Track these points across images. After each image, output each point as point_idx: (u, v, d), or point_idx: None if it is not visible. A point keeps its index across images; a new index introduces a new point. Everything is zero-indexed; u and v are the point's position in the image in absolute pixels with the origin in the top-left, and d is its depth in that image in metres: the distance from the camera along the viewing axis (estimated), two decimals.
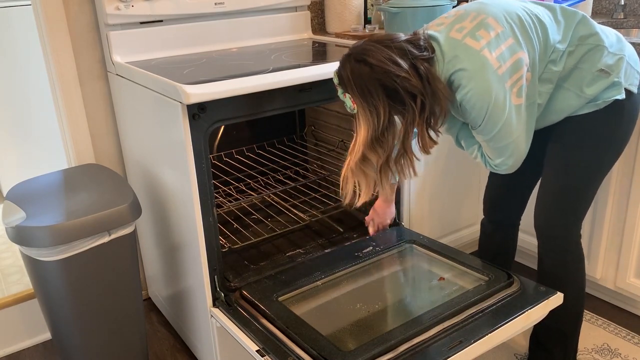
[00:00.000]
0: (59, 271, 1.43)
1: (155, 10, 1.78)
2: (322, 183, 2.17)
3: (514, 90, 1.27)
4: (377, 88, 1.22)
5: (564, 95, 1.37)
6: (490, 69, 1.24)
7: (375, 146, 1.26)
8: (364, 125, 1.25)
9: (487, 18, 1.29)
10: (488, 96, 1.24)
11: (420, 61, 1.24)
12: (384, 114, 1.23)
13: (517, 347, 1.82)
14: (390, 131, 1.25)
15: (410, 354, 1.24)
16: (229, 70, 1.55)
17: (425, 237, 1.77)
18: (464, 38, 1.27)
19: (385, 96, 1.22)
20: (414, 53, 1.25)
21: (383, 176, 1.31)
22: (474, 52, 1.25)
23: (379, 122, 1.23)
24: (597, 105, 1.36)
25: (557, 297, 1.42)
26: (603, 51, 1.34)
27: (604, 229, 1.88)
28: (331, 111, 2.14)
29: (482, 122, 1.28)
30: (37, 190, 1.59)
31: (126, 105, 1.79)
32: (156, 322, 2.07)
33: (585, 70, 1.34)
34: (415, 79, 1.22)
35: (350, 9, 2.17)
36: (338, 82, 1.28)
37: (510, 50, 1.26)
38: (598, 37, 1.35)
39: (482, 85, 1.24)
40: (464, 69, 1.25)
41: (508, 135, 1.30)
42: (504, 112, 1.26)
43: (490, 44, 1.25)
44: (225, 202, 2.00)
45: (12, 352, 1.95)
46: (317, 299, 1.52)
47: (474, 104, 1.26)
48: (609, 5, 2.33)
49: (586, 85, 1.35)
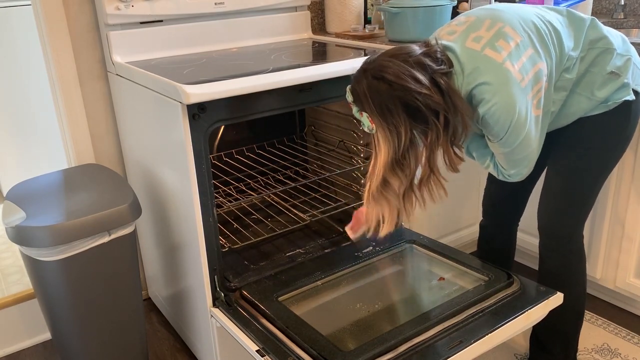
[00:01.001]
0: (59, 271, 1.43)
1: (155, 10, 1.78)
2: (322, 183, 2.17)
3: (534, 102, 1.24)
4: (397, 106, 1.15)
5: (576, 99, 1.35)
6: (514, 83, 1.20)
7: (396, 169, 1.20)
8: (384, 146, 1.18)
9: (505, 27, 1.25)
10: (513, 110, 1.20)
11: (440, 75, 1.18)
12: (405, 134, 1.16)
13: (517, 347, 1.82)
14: (412, 152, 1.19)
15: (410, 354, 1.24)
16: (229, 70, 1.55)
17: (425, 237, 1.77)
18: (483, 49, 1.22)
19: (406, 115, 1.15)
20: (432, 67, 1.18)
21: (407, 201, 1.24)
22: (497, 64, 1.20)
23: (400, 143, 1.17)
24: (608, 106, 1.35)
25: (557, 297, 1.42)
26: (612, 53, 1.33)
27: (604, 229, 1.88)
28: (331, 111, 2.14)
29: (505, 135, 1.24)
30: (37, 190, 1.59)
31: (126, 106, 1.79)
32: (156, 322, 2.07)
33: (596, 73, 1.33)
34: (437, 95, 1.16)
35: (350, 9, 2.17)
36: (353, 100, 1.22)
37: (531, 62, 1.23)
38: (607, 40, 1.33)
39: (507, 100, 1.20)
40: (487, 83, 1.20)
41: (527, 147, 1.28)
42: (526, 124, 1.24)
43: (512, 55, 1.21)
44: (225, 202, 2.00)
45: (12, 352, 1.95)
46: (317, 299, 1.52)
47: (498, 118, 1.21)
48: (609, 5, 2.33)
49: (597, 89, 1.34)
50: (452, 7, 1.95)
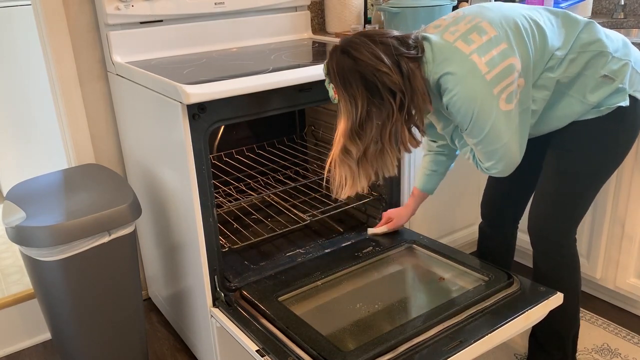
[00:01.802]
0: (59, 271, 1.43)
1: (155, 10, 1.78)
2: (322, 183, 2.17)
3: (502, 97, 1.25)
4: (357, 80, 1.24)
5: (567, 102, 1.35)
6: (477, 75, 1.23)
7: (354, 137, 1.28)
8: (344, 115, 1.28)
9: (482, 22, 1.28)
10: (473, 102, 1.24)
11: (405, 59, 1.25)
12: (362, 107, 1.25)
13: (517, 347, 1.82)
14: (368, 124, 1.27)
15: (410, 354, 1.24)
16: (229, 70, 1.55)
17: (425, 237, 1.77)
18: (455, 41, 1.27)
19: (364, 89, 1.24)
20: (399, 50, 1.25)
21: (362, 170, 1.33)
22: (463, 55, 1.24)
23: (357, 114, 1.25)
24: (601, 111, 1.35)
25: (557, 297, 1.42)
26: (607, 57, 1.32)
27: (604, 229, 1.88)
28: (331, 111, 2.14)
29: (469, 126, 1.28)
30: (37, 190, 1.59)
31: (126, 106, 1.79)
32: (156, 322, 2.07)
33: (588, 76, 1.33)
34: (396, 75, 1.23)
35: (350, 9, 2.17)
36: (326, 72, 1.31)
37: (501, 56, 1.25)
38: (601, 43, 1.33)
39: (467, 91, 1.24)
40: (451, 73, 1.25)
41: (496, 140, 1.29)
42: (490, 117, 1.25)
43: (481, 48, 1.25)
44: (225, 202, 2.00)
45: (12, 352, 1.95)
46: (317, 299, 1.52)
47: (459, 108, 1.26)
48: (609, 5, 2.33)
49: (589, 92, 1.33)
50: (452, 7, 1.95)
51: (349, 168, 1.33)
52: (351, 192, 1.37)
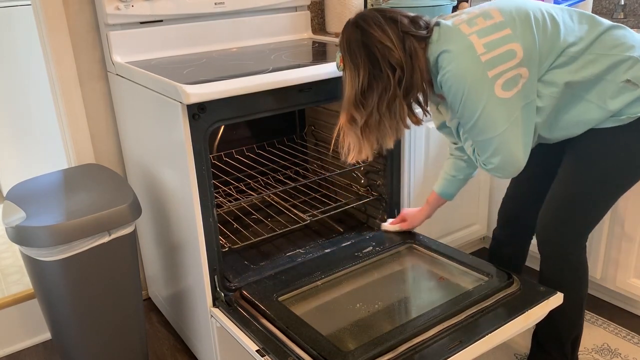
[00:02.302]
0: (59, 271, 1.43)
1: (155, 10, 1.78)
2: (322, 183, 2.17)
3: (498, 82, 1.24)
4: (361, 50, 1.28)
5: (585, 107, 1.30)
6: (472, 54, 1.24)
7: (358, 105, 1.31)
8: (348, 83, 1.32)
9: (492, 9, 1.30)
10: (463, 80, 1.24)
11: (411, 38, 1.28)
12: (364, 76, 1.28)
13: (517, 347, 1.82)
14: (369, 94, 1.30)
15: (410, 354, 1.24)
16: (229, 70, 1.55)
17: (425, 237, 1.77)
18: (461, 24, 1.29)
19: (367, 59, 1.27)
20: (407, 28, 1.28)
21: (365, 137, 1.35)
22: (462, 35, 1.26)
23: (359, 83, 1.29)
24: (621, 120, 1.29)
25: (557, 297, 1.42)
26: (632, 61, 1.27)
27: (604, 229, 1.88)
28: (331, 111, 2.13)
29: (459, 107, 1.29)
30: (37, 190, 1.59)
31: (126, 105, 1.79)
32: (156, 322, 2.07)
33: (609, 81, 1.27)
34: (399, 51, 1.26)
35: (350, 9, 2.17)
36: (339, 42, 1.35)
37: (503, 40, 1.25)
38: (627, 46, 1.28)
39: (459, 68, 1.25)
40: (448, 51, 1.26)
41: (490, 129, 1.27)
42: (481, 100, 1.25)
43: (482, 30, 1.26)
44: (225, 202, 2.00)
45: (12, 352, 1.95)
46: (317, 299, 1.52)
47: (450, 86, 1.27)
48: (609, 5, 2.33)
49: (610, 97, 1.28)
50: (452, 7, 1.95)
51: (354, 135, 1.36)
52: (359, 158, 1.40)
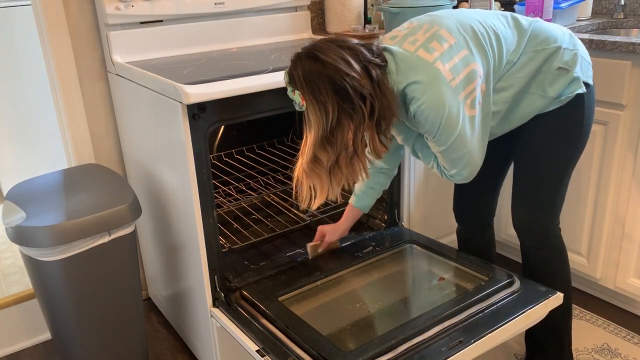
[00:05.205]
0: (59, 271, 1.43)
1: (155, 10, 1.78)
2: None
3: (467, 102, 1.26)
4: (326, 85, 1.19)
5: (529, 99, 1.38)
6: (443, 81, 1.23)
7: (325, 145, 1.24)
8: (314, 123, 1.23)
9: (440, 30, 1.29)
10: (442, 108, 1.23)
11: (373, 65, 1.23)
12: (333, 113, 1.20)
13: (517, 347, 1.82)
14: (339, 131, 1.23)
15: (410, 354, 1.24)
16: (229, 70, 1.55)
17: (425, 237, 1.77)
18: (416, 50, 1.26)
19: (334, 94, 1.19)
20: (366, 56, 1.23)
21: (333, 178, 1.29)
22: (427, 64, 1.24)
23: (328, 121, 1.21)
24: (561, 101, 1.38)
25: (557, 297, 1.42)
26: (560, 50, 1.36)
27: (604, 229, 1.88)
28: None
29: (437, 133, 1.27)
30: (37, 190, 1.59)
31: (126, 105, 1.79)
32: (156, 322, 2.07)
33: (545, 72, 1.36)
34: (366, 80, 1.21)
35: (350, 9, 2.18)
36: (288, 80, 1.25)
37: (463, 62, 1.26)
38: (552, 38, 1.36)
39: (436, 98, 1.23)
40: (417, 82, 1.23)
41: (463, 147, 1.30)
42: (458, 123, 1.26)
43: (443, 55, 1.25)
44: (225, 202, 2.00)
45: (12, 352, 1.95)
46: (317, 299, 1.52)
47: (427, 116, 1.25)
48: (609, 5, 2.33)
49: (549, 86, 1.36)
50: (452, 7, 1.95)
51: (318, 178, 1.29)
52: (322, 202, 1.34)
